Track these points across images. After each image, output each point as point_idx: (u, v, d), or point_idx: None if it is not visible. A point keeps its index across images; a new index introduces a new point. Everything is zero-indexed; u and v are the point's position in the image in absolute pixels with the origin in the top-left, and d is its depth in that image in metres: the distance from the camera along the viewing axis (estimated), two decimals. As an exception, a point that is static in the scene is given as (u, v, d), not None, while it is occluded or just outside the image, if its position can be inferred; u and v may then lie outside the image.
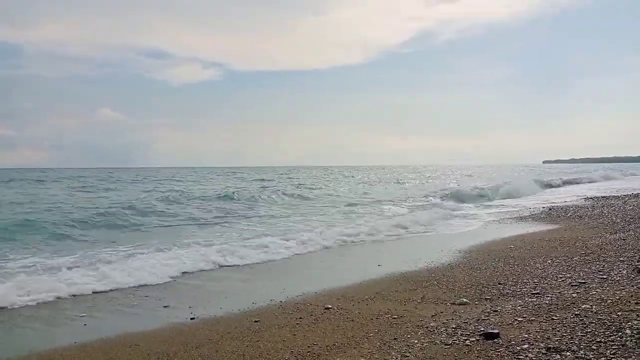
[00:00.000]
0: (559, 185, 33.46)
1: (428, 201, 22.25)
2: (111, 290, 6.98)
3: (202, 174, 66.07)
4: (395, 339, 4.47)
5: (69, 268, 8.00)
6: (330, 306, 5.75)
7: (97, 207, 17.45)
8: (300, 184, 36.13)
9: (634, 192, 22.55)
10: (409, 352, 4.08)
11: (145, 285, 7.26)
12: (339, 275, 7.77)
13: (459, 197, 23.39)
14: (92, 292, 6.85)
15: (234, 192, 24.63)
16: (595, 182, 38.48)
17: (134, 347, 4.69)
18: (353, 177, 56.12)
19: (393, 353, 4.10)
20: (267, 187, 32.21)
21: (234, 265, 8.69)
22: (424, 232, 12.70)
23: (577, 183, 36.82)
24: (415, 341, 4.35)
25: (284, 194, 26.00)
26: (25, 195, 24.96)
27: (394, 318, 5.15)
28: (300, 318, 5.36)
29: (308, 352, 4.27)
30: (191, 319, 5.62)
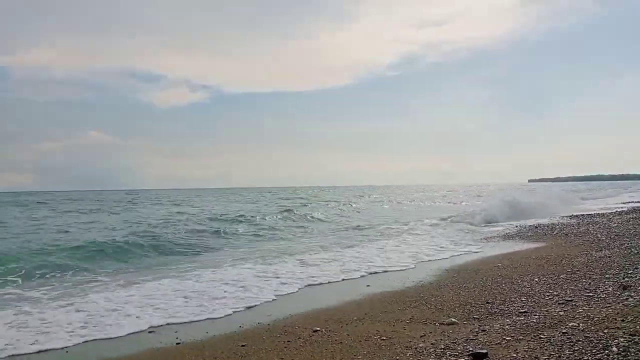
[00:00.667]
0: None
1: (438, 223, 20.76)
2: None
3: (190, 195, 65.56)
4: (383, 360, 4.43)
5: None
6: (318, 328, 5.69)
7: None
8: (292, 206, 35.57)
9: (618, 210, 22.85)
10: (398, 374, 4.04)
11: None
12: (326, 296, 7.69)
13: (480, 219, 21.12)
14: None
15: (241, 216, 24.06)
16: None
17: (118, 374, 4.59)
18: (362, 196, 53.34)
19: (382, 375, 4.05)
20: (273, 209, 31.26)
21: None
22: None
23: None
24: (404, 363, 4.31)
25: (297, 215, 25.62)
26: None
27: (383, 339, 5.11)
28: (288, 341, 5.29)
29: (296, 376, 4.21)
30: (177, 343, 5.52)
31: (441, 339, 4.92)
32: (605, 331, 4.51)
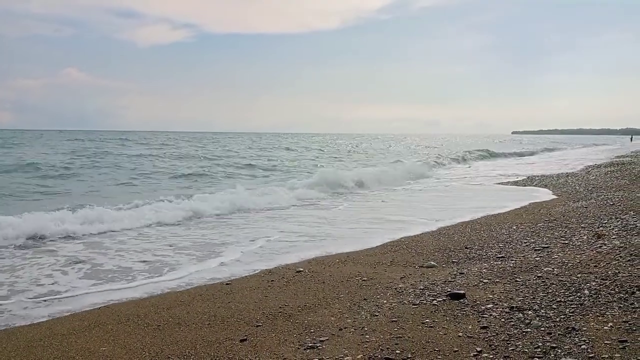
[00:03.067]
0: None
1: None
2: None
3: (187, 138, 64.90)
4: (365, 299, 4.56)
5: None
6: (301, 269, 5.81)
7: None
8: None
9: (596, 163, 23.30)
10: (378, 312, 4.18)
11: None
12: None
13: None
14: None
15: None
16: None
17: (103, 309, 4.65)
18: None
19: (362, 313, 4.19)
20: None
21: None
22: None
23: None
24: (385, 301, 4.45)
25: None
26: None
27: (364, 280, 5.25)
28: (272, 281, 5.40)
29: (280, 312, 4.33)
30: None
31: (420, 281, 5.07)
32: (579, 275, 4.69)
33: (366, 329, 3.81)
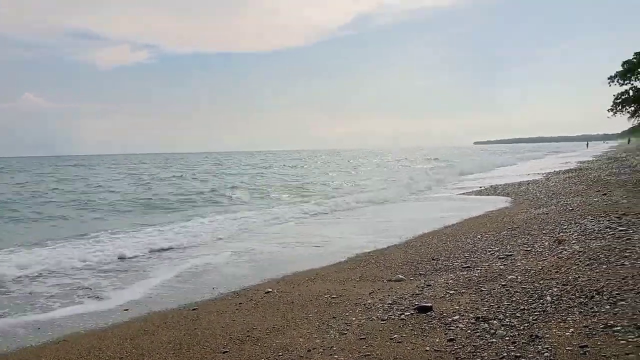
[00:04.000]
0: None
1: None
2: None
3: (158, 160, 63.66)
4: (334, 317, 4.53)
5: None
6: (270, 290, 5.74)
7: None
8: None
9: (555, 170, 24.06)
10: (347, 330, 4.15)
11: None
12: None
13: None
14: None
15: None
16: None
17: (62, 343, 4.46)
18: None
19: (331, 332, 4.15)
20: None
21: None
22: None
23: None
24: (353, 318, 4.43)
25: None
26: None
27: (333, 298, 5.22)
28: (240, 303, 5.31)
29: (247, 336, 4.24)
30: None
31: (389, 295, 5.08)
32: (541, 282, 4.79)
33: (335, 348, 3.78)
